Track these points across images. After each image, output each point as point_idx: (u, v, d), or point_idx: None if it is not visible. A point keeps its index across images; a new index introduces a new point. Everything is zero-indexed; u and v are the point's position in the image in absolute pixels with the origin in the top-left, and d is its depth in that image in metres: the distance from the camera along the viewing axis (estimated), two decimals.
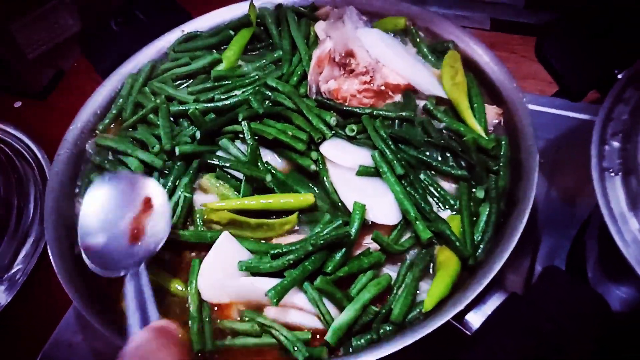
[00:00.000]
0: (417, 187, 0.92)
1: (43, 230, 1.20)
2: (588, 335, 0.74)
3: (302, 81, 1.09)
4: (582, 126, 1.17)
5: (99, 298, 0.91)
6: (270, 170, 0.97)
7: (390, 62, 1.05)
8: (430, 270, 0.87)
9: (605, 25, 0.97)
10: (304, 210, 0.94)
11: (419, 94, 1.05)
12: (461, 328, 0.78)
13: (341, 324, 0.79)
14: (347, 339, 0.80)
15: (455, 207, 0.92)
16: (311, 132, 0.98)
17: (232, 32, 1.23)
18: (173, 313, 0.89)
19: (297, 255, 0.83)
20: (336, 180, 0.94)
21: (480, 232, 0.88)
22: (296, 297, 0.83)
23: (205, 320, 0.86)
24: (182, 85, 1.19)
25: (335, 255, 0.85)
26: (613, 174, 0.77)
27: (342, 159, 0.95)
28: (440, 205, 0.93)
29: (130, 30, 1.33)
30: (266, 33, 1.23)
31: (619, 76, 0.89)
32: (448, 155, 0.97)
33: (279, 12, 1.24)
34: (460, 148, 0.96)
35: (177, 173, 1.00)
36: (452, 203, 0.92)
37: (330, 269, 0.83)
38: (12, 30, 1.55)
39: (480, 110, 1.01)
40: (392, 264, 0.88)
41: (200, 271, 0.88)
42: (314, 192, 0.96)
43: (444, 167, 0.94)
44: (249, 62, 1.17)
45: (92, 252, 0.85)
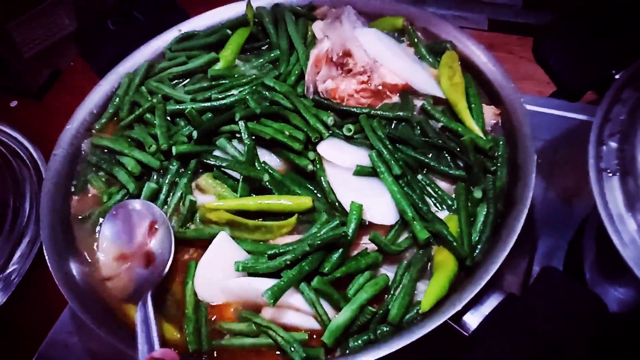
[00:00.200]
0: (414, 188, 0.92)
1: (39, 230, 1.20)
2: (585, 336, 0.73)
3: (300, 81, 1.09)
4: (579, 127, 1.17)
5: (95, 298, 0.90)
6: (268, 170, 0.97)
7: (388, 62, 1.05)
8: (428, 271, 0.87)
9: (603, 25, 0.97)
10: (301, 211, 0.93)
11: (417, 94, 1.05)
12: (458, 329, 0.78)
13: (338, 325, 0.79)
14: (344, 340, 0.80)
15: (452, 207, 0.91)
16: (308, 132, 0.98)
17: (229, 32, 1.22)
18: (172, 314, 0.89)
19: (294, 255, 0.83)
20: (333, 180, 0.94)
21: (477, 232, 0.87)
22: (293, 298, 0.83)
23: (201, 320, 0.85)
24: (179, 84, 1.19)
25: (333, 256, 0.84)
26: (611, 174, 0.77)
27: (340, 158, 0.95)
28: (437, 205, 0.92)
29: (127, 30, 1.32)
30: (263, 33, 1.23)
31: (617, 77, 0.89)
32: (446, 156, 0.96)
33: (277, 12, 1.23)
34: (457, 148, 0.95)
35: (175, 173, 1.00)
36: (450, 203, 0.92)
37: (327, 269, 0.83)
38: (8, 29, 1.54)
39: (478, 111, 1.01)
40: (389, 264, 0.88)
41: (196, 271, 0.88)
42: (311, 192, 0.96)
43: (442, 167, 0.94)
44: (246, 62, 1.17)
45: (116, 284, 0.90)
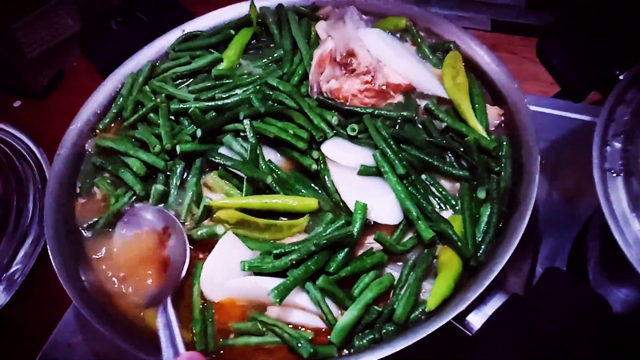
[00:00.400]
0: (418, 187, 0.92)
1: (42, 230, 1.21)
2: (589, 336, 0.73)
3: (303, 81, 1.09)
4: (583, 127, 1.17)
5: (99, 298, 0.90)
6: (272, 170, 0.97)
7: (392, 62, 1.05)
8: (432, 270, 0.86)
9: (607, 25, 0.97)
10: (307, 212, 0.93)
11: (420, 94, 1.05)
12: (462, 329, 0.78)
13: (345, 324, 0.79)
14: (350, 339, 0.80)
15: (456, 207, 0.91)
16: (312, 131, 0.98)
17: (232, 32, 1.23)
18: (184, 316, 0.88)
19: (299, 255, 0.83)
20: (337, 180, 0.94)
21: (481, 232, 0.87)
22: (298, 297, 0.83)
23: (208, 320, 0.85)
24: (182, 84, 1.19)
25: (338, 255, 0.84)
26: (615, 175, 0.77)
27: (344, 158, 0.95)
28: (441, 205, 0.92)
29: (130, 30, 1.32)
30: (267, 33, 1.23)
31: (621, 77, 0.89)
32: (449, 156, 0.96)
33: (280, 12, 1.24)
34: (461, 148, 0.95)
35: (182, 173, 1.00)
36: (454, 203, 0.92)
37: (332, 268, 0.83)
38: (12, 29, 1.54)
39: (481, 111, 1.00)
40: (393, 263, 0.88)
41: (203, 271, 0.88)
42: (316, 192, 0.96)
43: (446, 167, 0.94)
44: (250, 62, 1.17)
45: (133, 291, 0.90)
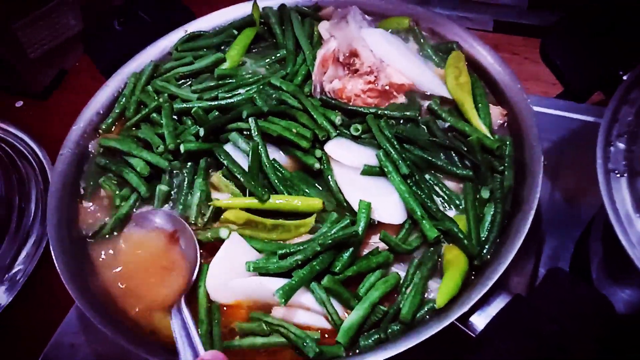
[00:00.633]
0: (422, 187, 0.92)
1: (44, 230, 1.21)
2: (592, 337, 0.73)
3: (306, 81, 1.09)
4: (586, 128, 1.17)
5: (102, 299, 0.90)
6: (271, 188, 0.95)
7: (395, 62, 1.05)
8: (438, 269, 0.86)
9: (610, 24, 0.97)
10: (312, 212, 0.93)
11: (423, 94, 1.05)
12: (465, 330, 0.78)
13: (352, 324, 0.79)
14: (356, 339, 0.80)
15: (460, 207, 0.91)
16: (316, 130, 0.97)
17: (235, 32, 1.23)
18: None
19: (304, 255, 0.83)
20: (341, 180, 0.94)
21: (485, 232, 0.87)
22: (304, 297, 0.83)
23: (214, 321, 0.85)
24: (185, 84, 1.19)
25: (343, 255, 0.84)
26: (619, 175, 0.77)
27: (347, 158, 0.95)
28: (445, 205, 0.92)
29: (132, 30, 1.32)
30: (270, 33, 1.23)
31: (624, 77, 0.88)
32: (453, 155, 0.96)
33: (283, 12, 1.24)
34: (464, 148, 0.95)
35: (189, 173, 1.00)
36: (457, 203, 0.92)
37: (338, 268, 0.83)
38: (14, 29, 1.54)
39: (484, 111, 1.01)
40: (398, 262, 0.88)
41: (208, 271, 0.88)
42: (319, 191, 0.95)
43: (449, 167, 0.94)
44: (253, 62, 1.17)
45: (144, 295, 0.89)
